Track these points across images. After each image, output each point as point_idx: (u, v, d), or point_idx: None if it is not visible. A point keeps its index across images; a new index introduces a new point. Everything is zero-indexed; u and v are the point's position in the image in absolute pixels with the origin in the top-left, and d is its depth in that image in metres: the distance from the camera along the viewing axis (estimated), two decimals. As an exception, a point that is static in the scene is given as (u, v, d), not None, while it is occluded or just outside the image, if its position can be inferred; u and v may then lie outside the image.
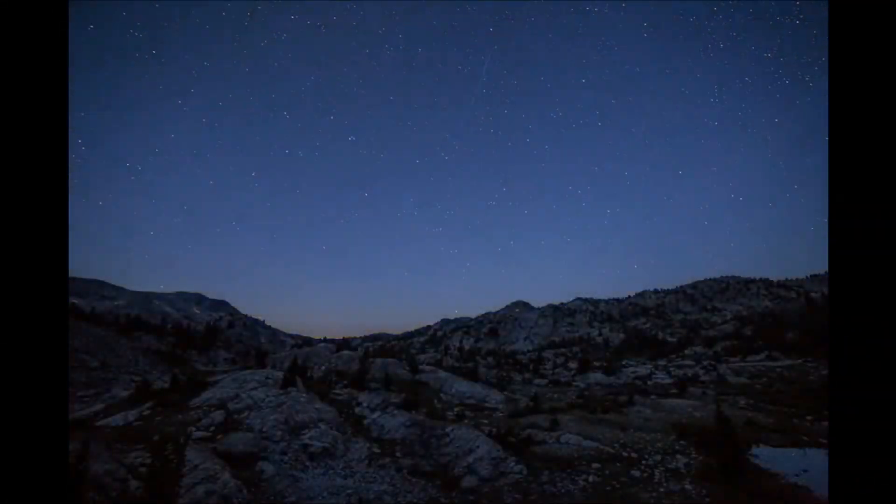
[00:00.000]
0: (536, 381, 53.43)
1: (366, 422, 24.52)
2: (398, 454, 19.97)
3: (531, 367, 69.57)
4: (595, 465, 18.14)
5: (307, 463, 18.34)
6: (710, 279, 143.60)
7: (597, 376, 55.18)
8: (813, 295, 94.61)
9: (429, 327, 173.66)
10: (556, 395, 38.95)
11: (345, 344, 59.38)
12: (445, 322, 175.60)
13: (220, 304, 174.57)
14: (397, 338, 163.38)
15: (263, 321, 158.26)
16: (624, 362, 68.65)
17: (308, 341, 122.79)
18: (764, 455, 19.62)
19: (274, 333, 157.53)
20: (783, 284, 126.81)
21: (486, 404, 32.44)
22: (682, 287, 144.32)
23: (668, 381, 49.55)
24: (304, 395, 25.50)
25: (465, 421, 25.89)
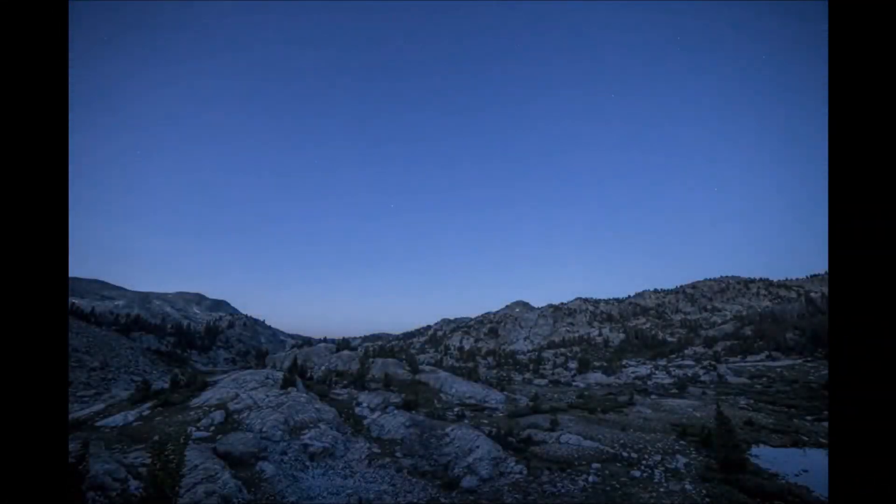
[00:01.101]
0: (536, 381, 53.46)
1: (366, 422, 24.51)
2: (398, 454, 19.95)
3: (531, 367, 69.60)
4: (595, 465, 18.13)
5: (307, 463, 18.33)
6: (710, 279, 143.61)
7: (597, 376, 55.24)
8: (813, 295, 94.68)
9: (429, 327, 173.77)
10: (556, 395, 38.95)
11: (345, 344, 59.32)
12: (445, 322, 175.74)
13: (220, 304, 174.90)
14: (397, 338, 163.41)
15: (263, 321, 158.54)
16: (624, 362, 68.65)
17: (308, 341, 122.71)
18: (764, 455, 19.62)
19: (274, 333, 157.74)
20: (783, 284, 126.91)
21: (486, 404, 32.43)
22: (682, 287, 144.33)
23: (668, 381, 49.58)
24: (304, 395, 25.48)
25: (465, 421, 25.89)
